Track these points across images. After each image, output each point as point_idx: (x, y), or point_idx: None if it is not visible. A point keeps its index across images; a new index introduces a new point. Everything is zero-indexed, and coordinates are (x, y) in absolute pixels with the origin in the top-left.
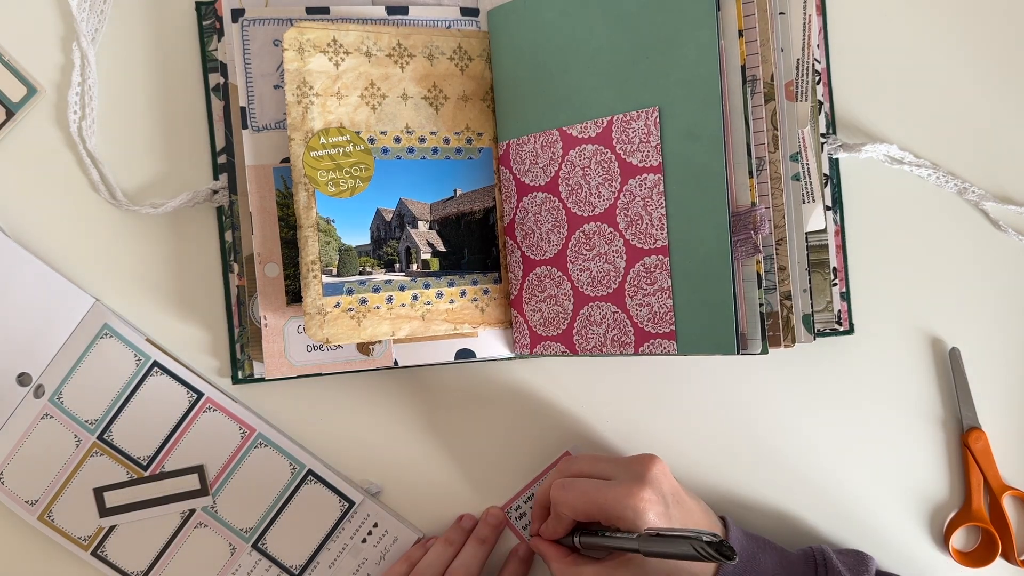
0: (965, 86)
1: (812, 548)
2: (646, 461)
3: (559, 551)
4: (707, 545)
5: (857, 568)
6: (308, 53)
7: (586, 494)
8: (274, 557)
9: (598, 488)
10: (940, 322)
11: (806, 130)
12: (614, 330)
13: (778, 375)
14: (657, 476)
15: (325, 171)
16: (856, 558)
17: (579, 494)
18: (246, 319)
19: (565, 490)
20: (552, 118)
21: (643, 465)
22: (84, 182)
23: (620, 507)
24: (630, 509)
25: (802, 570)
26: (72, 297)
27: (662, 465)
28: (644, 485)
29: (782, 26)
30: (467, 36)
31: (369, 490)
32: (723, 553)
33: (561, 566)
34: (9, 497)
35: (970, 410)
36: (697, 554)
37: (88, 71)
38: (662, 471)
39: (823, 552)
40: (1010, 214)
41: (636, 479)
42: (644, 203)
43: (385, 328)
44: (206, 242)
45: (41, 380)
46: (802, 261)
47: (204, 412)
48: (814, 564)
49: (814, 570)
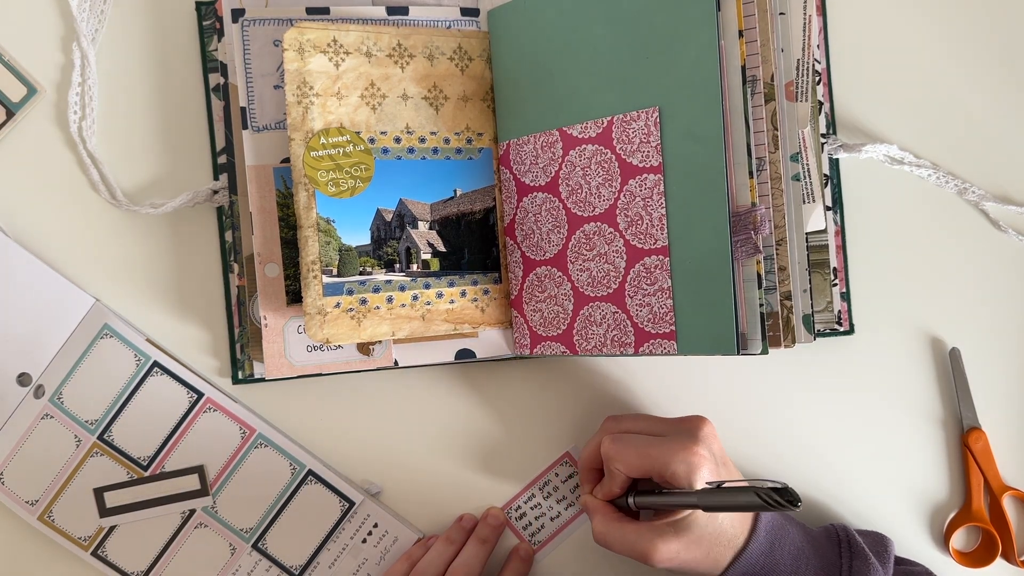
0: (965, 86)
1: (834, 526)
2: (697, 421)
3: (607, 509)
4: (773, 491)
5: (877, 548)
6: (308, 53)
7: (639, 448)
8: (274, 557)
9: (651, 443)
10: (940, 322)
11: (806, 130)
12: (614, 330)
13: (778, 375)
14: (708, 435)
15: (325, 171)
16: (876, 539)
17: (632, 448)
18: (246, 319)
19: (617, 445)
20: (552, 118)
21: (694, 424)
22: (84, 182)
23: (675, 461)
24: (684, 464)
25: (826, 544)
26: (72, 297)
27: (711, 426)
28: (698, 441)
29: (782, 26)
30: (467, 36)
31: (369, 490)
32: (790, 499)
33: (605, 521)
34: (9, 497)
35: (970, 410)
36: (763, 502)
37: (88, 71)
38: (712, 432)
39: (846, 530)
40: (1010, 214)
41: (689, 436)
42: (644, 203)
43: (385, 328)
44: (206, 242)
45: (41, 380)
46: (802, 261)
47: (204, 412)
48: (837, 539)
49: (837, 545)
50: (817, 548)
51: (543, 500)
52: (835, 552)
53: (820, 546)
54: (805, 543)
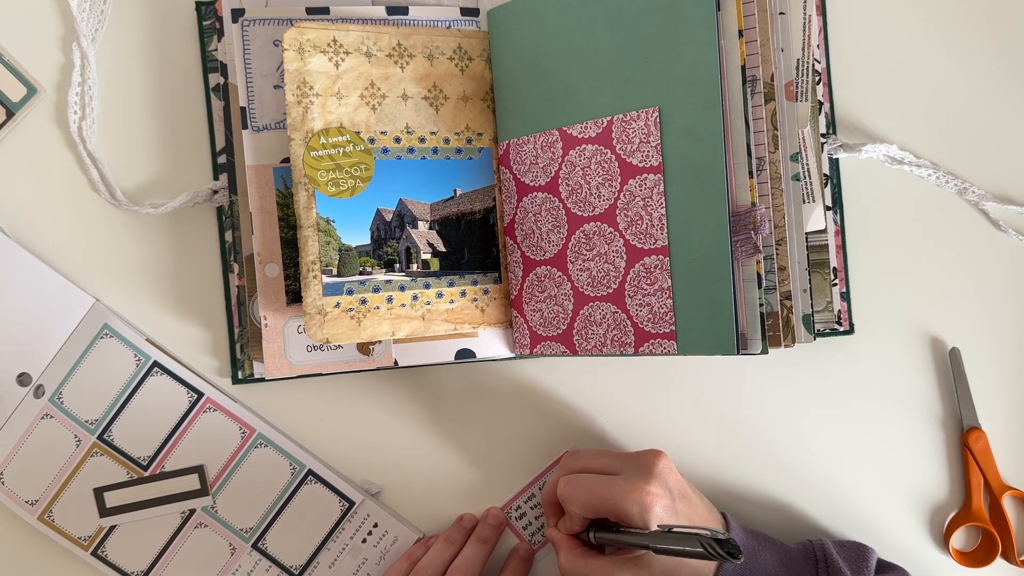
0: (965, 86)
1: (812, 542)
2: (651, 456)
3: (571, 543)
4: (716, 543)
5: (857, 562)
6: (308, 53)
7: (591, 490)
8: (274, 557)
9: (604, 484)
10: (940, 322)
11: (806, 130)
12: (614, 330)
13: (778, 375)
14: (663, 471)
15: (325, 171)
16: (856, 551)
17: (584, 490)
18: (246, 319)
19: (571, 487)
20: (552, 118)
21: (648, 460)
22: (84, 182)
23: (628, 502)
24: (637, 504)
25: (802, 566)
26: (72, 297)
27: (667, 460)
28: (651, 479)
29: (782, 26)
30: (467, 36)
31: (369, 490)
32: (730, 552)
33: (570, 557)
34: (9, 497)
35: (970, 410)
36: (705, 552)
37: (88, 71)
38: (668, 466)
39: (823, 547)
40: (1010, 214)
41: (642, 474)
42: (644, 203)
43: (385, 328)
44: (206, 242)
45: (41, 380)
46: (802, 261)
47: (204, 412)
48: (814, 559)
49: (814, 565)
50: (792, 570)
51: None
52: (811, 572)
53: (796, 567)
54: (779, 568)
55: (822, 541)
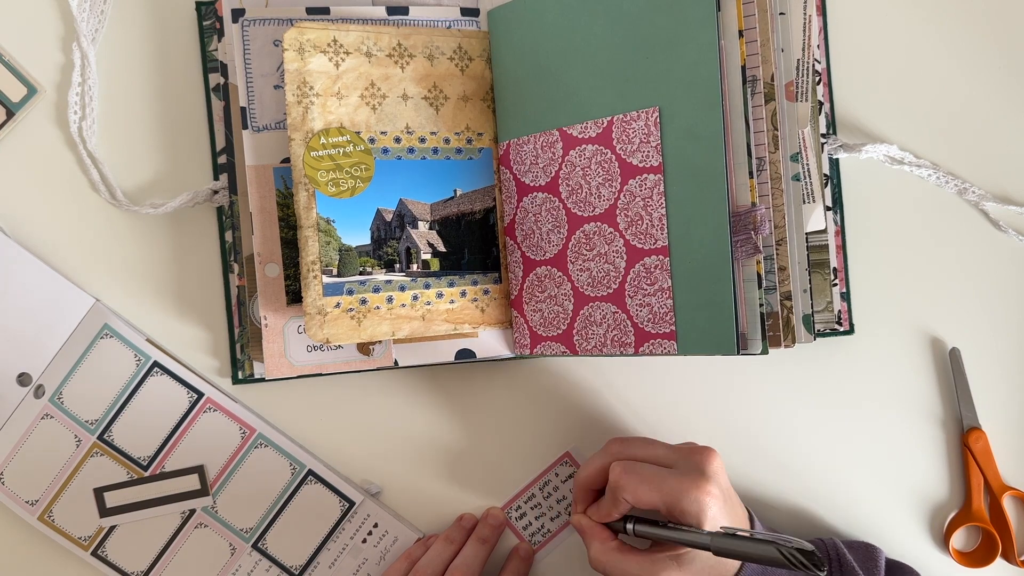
0: (965, 86)
1: (824, 541)
2: (707, 454)
3: (604, 533)
4: (798, 552)
5: (867, 562)
6: (308, 53)
7: (649, 481)
8: (274, 557)
9: (663, 477)
10: (940, 322)
11: (806, 130)
12: (614, 330)
13: (778, 375)
14: (718, 471)
15: (325, 171)
16: (866, 551)
17: (644, 481)
18: (246, 319)
19: (628, 474)
20: (552, 118)
21: (704, 457)
22: (84, 182)
23: (686, 499)
24: (695, 503)
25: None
26: (72, 297)
27: (720, 460)
28: (709, 478)
29: (782, 26)
30: (467, 36)
31: (369, 490)
32: (814, 563)
33: (604, 549)
34: (9, 497)
35: (970, 410)
36: (784, 560)
37: (88, 71)
38: (721, 466)
39: (835, 546)
40: (1010, 214)
41: (699, 472)
42: (644, 203)
43: (385, 328)
44: (206, 242)
45: (41, 380)
46: (802, 261)
47: (204, 412)
48: (827, 558)
49: (827, 563)
50: None
51: (543, 500)
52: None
53: None
54: None
55: (833, 540)
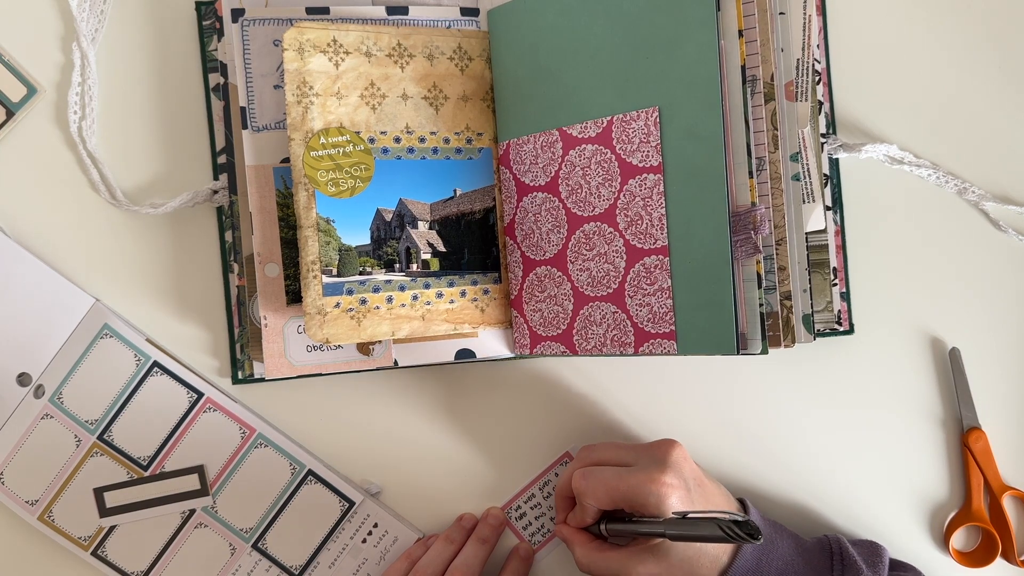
0: (965, 86)
1: (828, 537)
2: (666, 446)
3: (584, 537)
4: (734, 525)
5: (871, 559)
6: (308, 53)
7: (607, 483)
8: (274, 557)
9: (619, 476)
10: (940, 322)
11: (806, 130)
12: (614, 330)
13: (778, 375)
14: (678, 460)
15: (325, 171)
16: (870, 549)
17: (600, 483)
18: (246, 319)
19: (587, 479)
20: (552, 118)
21: (663, 450)
22: (84, 182)
23: (643, 493)
24: (652, 495)
25: (818, 556)
26: (72, 297)
27: (682, 449)
28: (665, 470)
29: (782, 26)
30: (467, 36)
31: (369, 490)
32: (749, 533)
33: (586, 551)
34: (9, 497)
35: (970, 410)
36: (724, 534)
37: (88, 71)
38: (682, 455)
39: (839, 541)
40: (1010, 214)
41: (657, 464)
42: (644, 203)
43: (385, 328)
44: (206, 242)
45: (41, 380)
46: (802, 261)
47: (204, 412)
48: (829, 552)
49: (829, 557)
50: (808, 560)
51: (543, 500)
52: (827, 564)
53: (812, 558)
54: (795, 556)
55: (837, 536)
